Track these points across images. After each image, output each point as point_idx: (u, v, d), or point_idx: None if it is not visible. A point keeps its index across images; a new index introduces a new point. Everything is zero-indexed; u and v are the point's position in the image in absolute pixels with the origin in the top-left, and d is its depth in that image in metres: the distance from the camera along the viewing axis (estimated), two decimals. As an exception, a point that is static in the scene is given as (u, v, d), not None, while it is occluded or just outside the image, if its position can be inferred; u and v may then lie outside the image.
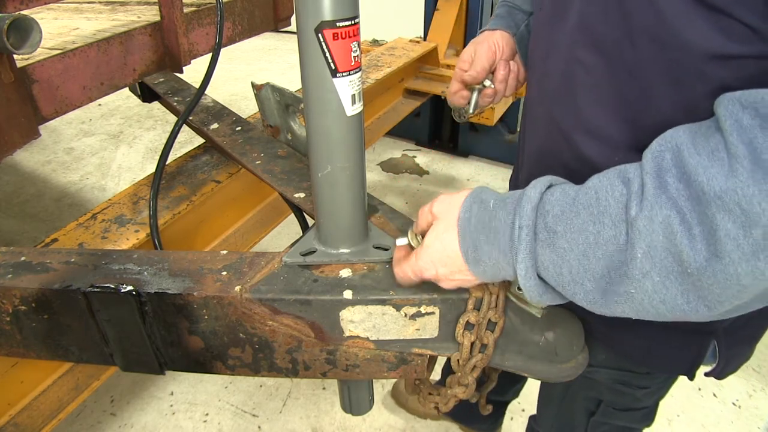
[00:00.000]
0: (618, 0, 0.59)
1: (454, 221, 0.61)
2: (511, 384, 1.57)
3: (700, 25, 0.52)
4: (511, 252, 0.56)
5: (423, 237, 0.65)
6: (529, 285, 0.56)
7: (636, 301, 0.51)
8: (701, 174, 0.45)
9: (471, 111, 1.01)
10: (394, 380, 1.93)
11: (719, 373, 0.82)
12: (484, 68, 0.97)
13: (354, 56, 0.66)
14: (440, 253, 0.62)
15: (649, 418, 1.05)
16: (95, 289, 0.73)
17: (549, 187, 0.57)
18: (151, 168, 1.58)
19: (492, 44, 0.97)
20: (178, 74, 1.64)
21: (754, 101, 0.44)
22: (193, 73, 1.47)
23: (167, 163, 1.29)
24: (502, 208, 0.58)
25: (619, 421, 1.03)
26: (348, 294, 0.68)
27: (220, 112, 1.45)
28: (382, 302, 0.68)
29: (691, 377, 0.82)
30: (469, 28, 3.04)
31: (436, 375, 1.61)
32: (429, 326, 0.69)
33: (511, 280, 0.61)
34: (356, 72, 0.68)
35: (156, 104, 1.88)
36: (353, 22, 0.65)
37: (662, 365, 0.82)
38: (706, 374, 0.83)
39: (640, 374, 0.90)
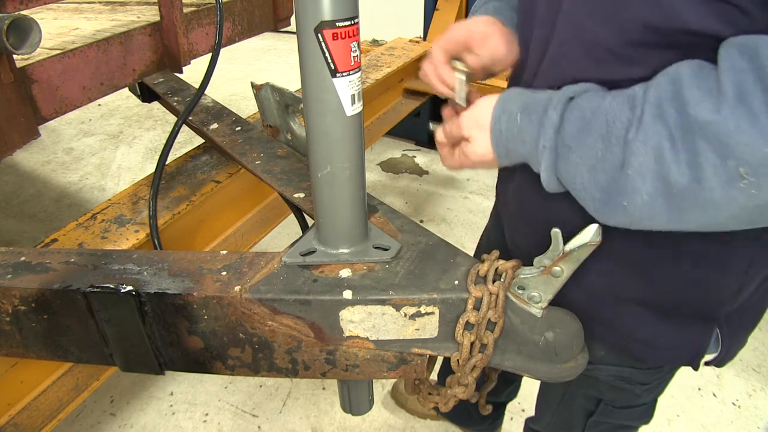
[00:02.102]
0: None
1: (488, 127, 0.71)
2: (505, 386, 1.56)
3: (699, 10, 0.55)
4: (536, 160, 0.67)
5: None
6: (550, 187, 0.67)
7: (629, 213, 0.59)
8: (693, 107, 0.51)
9: (460, 101, 0.85)
10: (394, 380, 1.93)
11: (720, 361, 0.83)
12: (458, 40, 0.84)
13: (354, 56, 0.66)
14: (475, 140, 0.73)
15: (647, 415, 1.05)
16: (95, 290, 0.73)
17: (569, 100, 0.64)
18: (150, 168, 1.58)
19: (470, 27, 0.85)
20: (177, 74, 1.64)
21: (752, 49, 0.49)
22: (192, 73, 1.47)
23: (167, 163, 1.29)
24: (528, 124, 0.66)
25: (618, 420, 1.02)
26: (348, 294, 0.68)
27: (220, 112, 1.45)
28: (382, 302, 0.68)
29: (696, 367, 0.82)
30: (468, 28, 3.03)
31: (435, 375, 1.61)
32: (429, 326, 0.69)
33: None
34: (356, 72, 0.68)
35: (156, 104, 1.88)
36: (353, 22, 0.65)
37: (666, 356, 0.82)
38: (707, 363, 0.83)
39: (641, 370, 0.90)
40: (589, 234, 0.59)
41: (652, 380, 0.93)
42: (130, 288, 0.73)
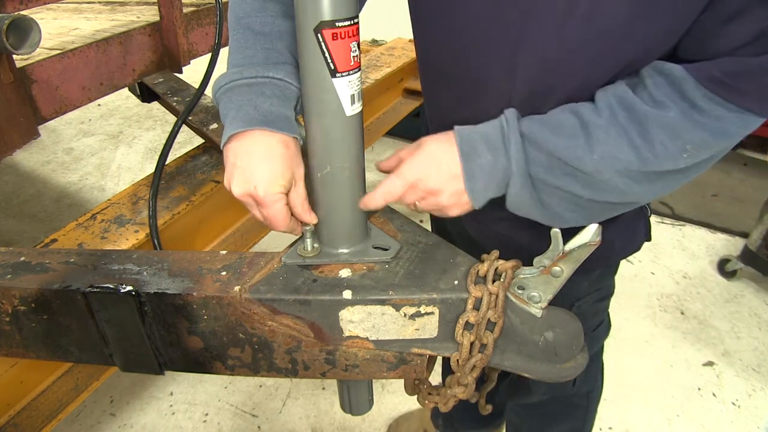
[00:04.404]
0: None
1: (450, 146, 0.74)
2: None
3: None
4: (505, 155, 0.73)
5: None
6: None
7: (614, 192, 0.72)
8: (641, 107, 0.67)
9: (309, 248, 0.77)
10: (394, 380, 1.93)
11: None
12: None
13: (353, 56, 0.66)
14: (429, 158, 0.75)
15: (608, 330, 1.22)
16: (95, 290, 0.73)
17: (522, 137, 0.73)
18: (150, 168, 1.59)
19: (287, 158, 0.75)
20: (177, 74, 1.64)
21: (664, 70, 0.67)
22: (192, 73, 1.47)
23: (167, 163, 1.29)
24: (490, 152, 0.73)
25: (593, 347, 1.19)
26: (347, 294, 0.68)
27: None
28: (382, 302, 0.68)
29: (650, 238, 1.05)
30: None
31: (436, 375, 1.61)
32: (428, 326, 0.69)
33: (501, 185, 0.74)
34: (355, 72, 0.68)
35: (155, 104, 1.88)
36: (352, 22, 0.65)
37: (629, 249, 1.03)
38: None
39: (607, 280, 1.10)
40: (589, 234, 0.59)
41: (603, 285, 1.11)
42: (129, 288, 0.73)
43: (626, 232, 0.99)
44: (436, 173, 0.74)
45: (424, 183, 0.74)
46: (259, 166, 0.71)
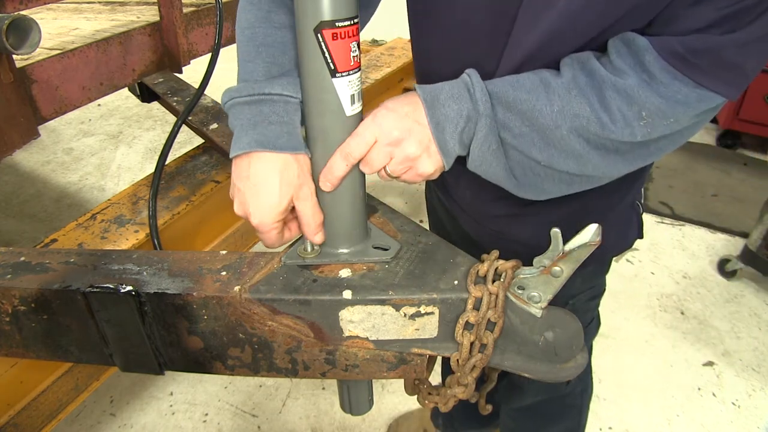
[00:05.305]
0: None
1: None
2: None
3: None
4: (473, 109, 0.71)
5: None
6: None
7: (555, 145, 0.70)
8: (601, 72, 0.67)
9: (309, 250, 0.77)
10: (394, 380, 1.93)
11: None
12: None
13: (353, 56, 0.66)
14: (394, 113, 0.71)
15: (597, 328, 1.22)
16: (94, 290, 0.73)
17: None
18: (150, 168, 1.59)
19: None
20: (177, 74, 1.64)
21: (628, 40, 0.67)
22: (192, 73, 1.47)
23: (166, 163, 1.29)
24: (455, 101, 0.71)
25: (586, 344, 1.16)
26: (347, 294, 0.68)
27: (220, 112, 1.45)
28: (382, 302, 0.68)
29: (641, 235, 1.06)
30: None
31: (436, 375, 1.61)
32: (428, 326, 0.69)
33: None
34: (355, 72, 0.68)
35: (155, 104, 1.88)
36: (352, 22, 0.65)
37: (622, 246, 1.03)
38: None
39: (599, 278, 1.12)
40: (589, 234, 0.59)
41: (596, 283, 1.12)
42: (129, 288, 0.73)
43: (618, 230, 1.00)
44: (399, 123, 0.70)
45: (387, 135, 0.70)
46: (254, 194, 0.72)
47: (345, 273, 0.73)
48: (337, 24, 0.63)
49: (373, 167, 0.72)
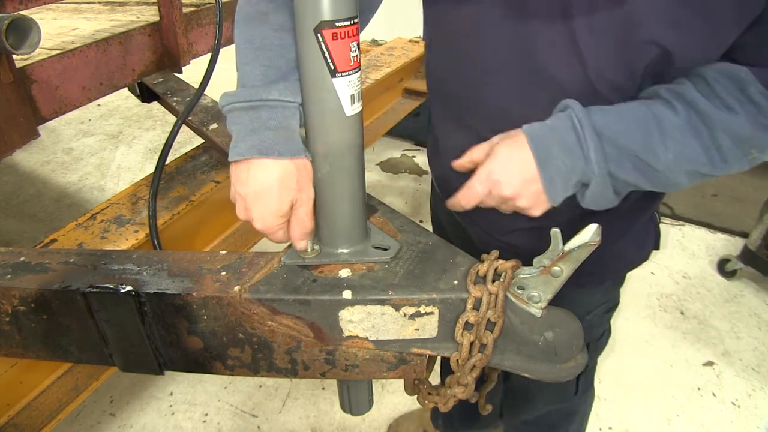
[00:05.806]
0: None
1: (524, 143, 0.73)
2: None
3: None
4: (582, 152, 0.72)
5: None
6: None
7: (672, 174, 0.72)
8: (710, 110, 0.68)
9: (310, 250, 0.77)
10: (394, 380, 1.93)
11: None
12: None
13: (353, 56, 0.66)
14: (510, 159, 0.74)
15: (607, 339, 1.23)
16: (94, 290, 0.73)
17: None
18: (150, 168, 1.59)
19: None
20: (177, 74, 1.64)
21: (729, 72, 0.68)
22: (192, 73, 1.47)
23: (166, 163, 1.29)
24: (565, 152, 0.72)
25: (592, 358, 1.22)
26: (347, 294, 0.68)
27: (220, 112, 1.45)
28: (382, 302, 0.68)
29: (658, 247, 1.07)
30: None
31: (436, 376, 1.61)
32: (428, 326, 0.69)
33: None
34: (355, 72, 0.68)
35: (155, 104, 1.88)
36: (352, 22, 0.65)
37: (641, 258, 1.04)
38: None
39: (615, 291, 1.14)
40: (589, 234, 0.59)
41: (611, 296, 1.13)
42: (129, 288, 0.73)
43: (637, 244, 1.00)
44: (510, 180, 0.73)
45: (498, 190, 0.74)
46: (255, 200, 0.72)
47: (345, 273, 0.73)
48: (336, 24, 0.63)
49: (485, 206, 0.80)
